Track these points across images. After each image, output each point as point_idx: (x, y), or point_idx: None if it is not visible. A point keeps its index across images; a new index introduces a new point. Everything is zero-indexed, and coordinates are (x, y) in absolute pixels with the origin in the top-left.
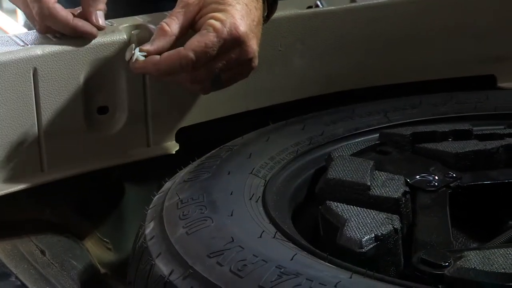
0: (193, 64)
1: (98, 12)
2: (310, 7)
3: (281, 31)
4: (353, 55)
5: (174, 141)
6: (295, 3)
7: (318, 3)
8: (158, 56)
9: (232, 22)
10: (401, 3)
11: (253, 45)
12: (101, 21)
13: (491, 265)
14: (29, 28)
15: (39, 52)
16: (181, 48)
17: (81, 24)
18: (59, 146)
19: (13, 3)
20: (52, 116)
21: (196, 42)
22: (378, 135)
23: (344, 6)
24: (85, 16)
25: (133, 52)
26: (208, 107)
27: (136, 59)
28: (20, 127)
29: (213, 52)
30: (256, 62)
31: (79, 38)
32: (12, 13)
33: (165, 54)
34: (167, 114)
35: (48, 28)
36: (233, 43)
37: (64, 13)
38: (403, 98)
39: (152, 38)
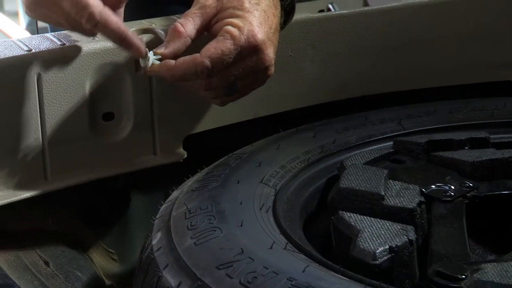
0: (209, 72)
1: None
2: (321, 11)
3: (291, 35)
4: (365, 60)
5: (182, 149)
6: (306, 7)
7: (330, 6)
8: (173, 61)
9: (250, 29)
10: (415, 7)
11: (270, 53)
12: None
13: (510, 278)
14: (32, 31)
15: (43, 58)
16: (197, 55)
17: (131, 34)
18: (63, 153)
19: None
20: (56, 122)
21: (212, 49)
22: (392, 143)
23: (357, 10)
24: None
25: (148, 56)
26: (216, 114)
27: (152, 64)
28: (23, 134)
29: (229, 60)
30: (272, 70)
31: (84, 43)
32: (13, 15)
33: (181, 59)
34: (174, 120)
35: (93, 32)
36: (250, 51)
37: (115, 18)
38: (418, 105)
39: (166, 39)
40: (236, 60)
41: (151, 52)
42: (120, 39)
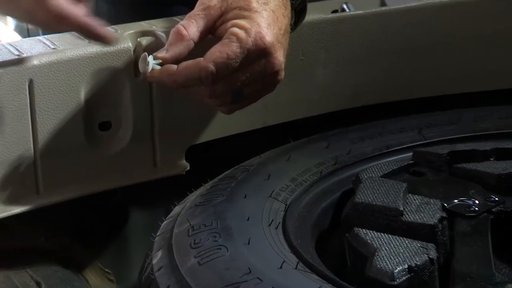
0: (213, 77)
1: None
2: (335, 11)
3: (303, 38)
4: (383, 64)
5: (184, 161)
6: (319, 7)
7: (345, 6)
8: (174, 66)
9: (258, 31)
10: (435, 7)
11: (280, 56)
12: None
13: None
14: (22, 33)
15: (35, 62)
16: (200, 59)
17: (94, 24)
18: (57, 165)
19: (6, 15)
20: (49, 132)
21: (217, 52)
22: (411, 154)
23: (374, 10)
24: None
25: (147, 61)
26: (222, 123)
27: (152, 69)
28: (13, 144)
29: (235, 64)
30: (282, 75)
31: (79, 47)
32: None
33: (183, 64)
34: (176, 130)
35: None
36: (258, 54)
37: (77, 10)
38: (439, 112)
39: (168, 42)
40: (243, 64)
41: (151, 56)
42: (84, 30)
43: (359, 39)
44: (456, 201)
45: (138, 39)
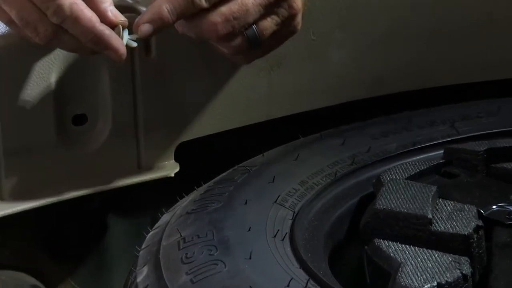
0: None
1: (111, 7)
2: None
3: (314, 14)
4: (410, 47)
5: (173, 161)
6: None
7: None
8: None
9: None
10: None
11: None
12: (121, 16)
13: None
14: None
15: None
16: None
17: (109, 33)
18: (23, 167)
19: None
20: (14, 127)
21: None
22: (442, 151)
23: None
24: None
25: (121, 34)
26: (218, 116)
27: (127, 45)
28: None
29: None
30: (299, 22)
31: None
32: None
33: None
34: (164, 124)
35: (55, 33)
36: None
37: (89, 13)
38: (476, 103)
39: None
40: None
41: (125, 30)
42: (94, 40)
43: (381, 16)
44: (494, 207)
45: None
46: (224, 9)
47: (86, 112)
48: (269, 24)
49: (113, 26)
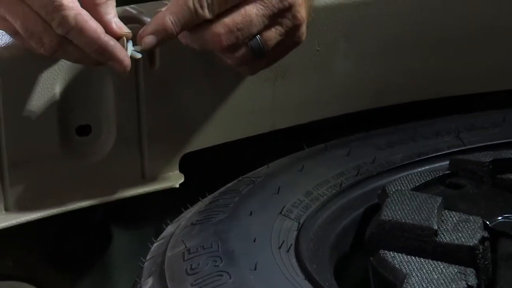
0: (209, 5)
1: (115, 19)
2: None
3: (319, 24)
4: (415, 56)
5: (178, 171)
6: None
7: None
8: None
9: None
10: None
11: (302, 11)
12: (125, 27)
13: None
14: None
15: (2, 55)
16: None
17: (113, 44)
18: (27, 178)
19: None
20: (18, 138)
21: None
22: (448, 162)
23: None
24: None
25: (125, 46)
26: (223, 126)
27: (131, 57)
28: None
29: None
30: (304, 31)
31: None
32: None
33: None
34: (168, 135)
35: (60, 44)
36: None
37: (94, 24)
38: (482, 113)
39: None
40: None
41: (129, 42)
42: (98, 51)
43: (386, 26)
44: (500, 218)
45: (124, 33)
46: (228, 20)
47: (91, 122)
48: (273, 34)
49: (117, 37)
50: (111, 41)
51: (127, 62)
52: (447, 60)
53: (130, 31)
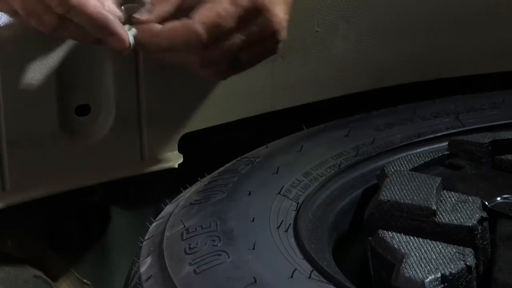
0: (204, 42)
1: (108, 2)
2: None
3: (318, 5)
4: (416, 37)
5: (177, 152)
6: None
7: None
8: (158, 26)
9: None
10: None
11: (280, 12)
12: (117, 11)
13: None
14: None
15: (2, 35)
16: (188, 21)
17: (113, 19)
18: (26, 157)
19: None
20: (17, 118)
21: (206, 12)
22: (447, 143)
23: None
24: None
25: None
26: (221, 107)
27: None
28: None
29: (228, 25)
30: (284, 34)
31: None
32: None
33: (168, 25)
34: (167, 115)
35: (60, 23)
36: (254, 12)
37: (93, 0)
38: (481, 94)
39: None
40: (238, 26)
41: (129, 27)
42: (99, 25)
43: (386, 7)
44: (499, 199)
45: (122, 7)
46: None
47: (90, 102)
48: (251, 53)
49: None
50: (111, 16)
51: (127, 37)
52: (447, 41)
53: (121, 15)
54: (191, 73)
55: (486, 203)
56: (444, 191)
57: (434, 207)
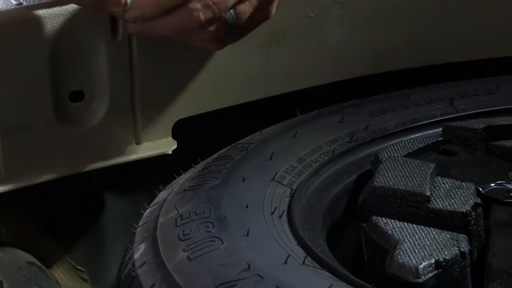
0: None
1: None
2: None
3: None
4: (410, 23)
5: (171, 138)
6: None
7: None
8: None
9: None
10: None
11: None
12: None
13: None
14: None
15: None
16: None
17: None
18: (20, 144)
19: None
20: (10, 104)
21: None
22: (441, 129)
23: None
24: None
25: None
26: (215, 93)
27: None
28: None
29: None
30: (275, 6)
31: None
32: None
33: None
34: (161, 101)
35: None
36: None
37: None
38: (475, 80)
39: None
40: None
41: None
42: None
43: None
44: (493, 185)
45: None
46: None
47: (83, 88)
48: (246, 7)
49: None
50: None
51: None
52: (441, 27)
53: None
54: (183, 46)
55: (480, 189)
56: (438, 177)
57: (428, 193)
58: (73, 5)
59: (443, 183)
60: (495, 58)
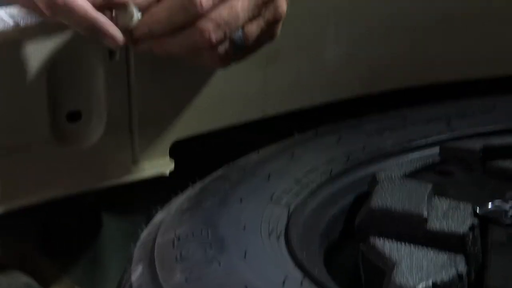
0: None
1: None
2: None
3: (308, 6)
4: (408, 40)
5: (168, 158)
6: None
7: None
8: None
9: None
10: None
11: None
12: None
13: None
14: None
15: None
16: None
17: (103, 20)
18: (16, 164)
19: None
20: (7, 124)
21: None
22: (438, 149)
23: None
24: None
25: (131, 11)
26: (213, 113)
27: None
28: None
29: (244, 19)
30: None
31: (43, 22)
32: None
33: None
34: (159, 121)
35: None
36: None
37: (81, 1)
38: (472, 100)
39: None
40: (252, 14)
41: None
42: (89, 29)
43: (379, 8)
44: (490, 205)
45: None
46: (214, 14)
47: (81, 108)
48: (254, 28)
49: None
50: (100, 18)
51: (119, 37)
52: (444, 43)
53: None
54: (180, 66)
55: (478, 209)
56: (435, 197)
57: (425, 214)
58: None
59: (441, 204)
60: (493, 78)
